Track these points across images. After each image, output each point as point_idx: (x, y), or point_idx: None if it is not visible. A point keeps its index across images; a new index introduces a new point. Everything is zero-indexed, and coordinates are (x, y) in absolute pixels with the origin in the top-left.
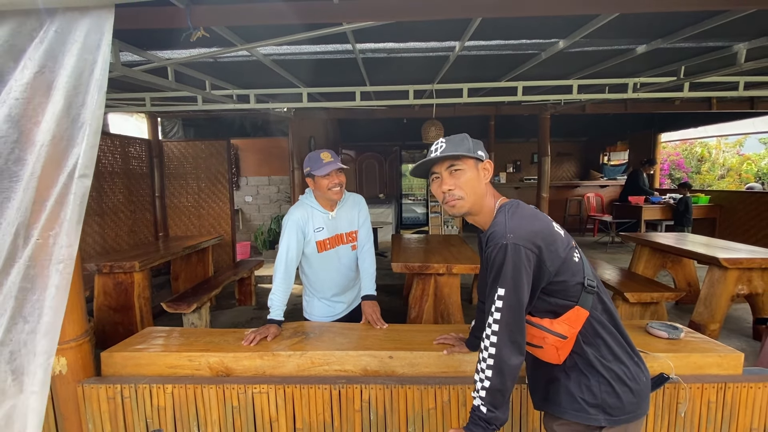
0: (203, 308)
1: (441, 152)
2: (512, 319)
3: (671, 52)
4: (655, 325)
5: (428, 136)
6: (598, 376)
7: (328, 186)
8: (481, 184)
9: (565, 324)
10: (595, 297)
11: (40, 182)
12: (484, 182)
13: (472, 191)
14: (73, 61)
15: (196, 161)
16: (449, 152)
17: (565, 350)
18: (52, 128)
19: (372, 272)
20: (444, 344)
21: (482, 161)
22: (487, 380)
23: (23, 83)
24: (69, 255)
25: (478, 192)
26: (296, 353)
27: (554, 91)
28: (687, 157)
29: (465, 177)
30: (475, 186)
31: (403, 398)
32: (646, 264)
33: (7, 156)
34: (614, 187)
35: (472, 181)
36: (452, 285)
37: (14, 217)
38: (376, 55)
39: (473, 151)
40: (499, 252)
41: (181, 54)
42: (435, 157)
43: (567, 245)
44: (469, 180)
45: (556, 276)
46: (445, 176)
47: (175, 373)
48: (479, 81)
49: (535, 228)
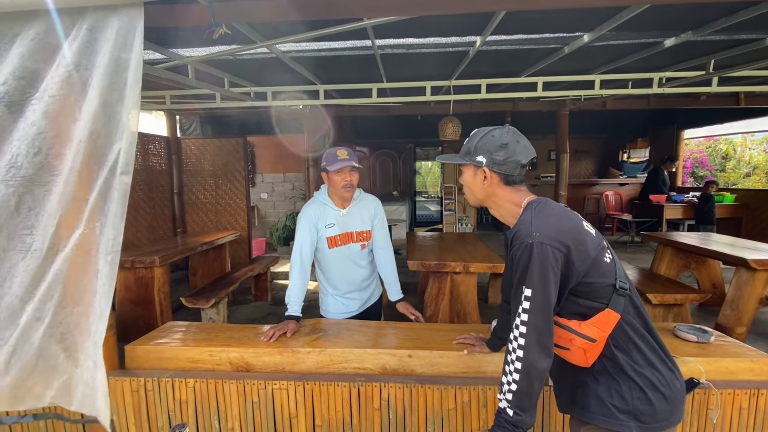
0: (221, 303)
1: (446, 156)
2: (540, 321)
3: (701, 45)
4: (683, 328)
5: (445, 132)
6: (630, 381)
7: (340, 183)
8: (479, 188)
9: (594, 327)
10: (627, 300)
11: (80, 177)
12: (483, 187)
13: (470, 192)
14: (106, 59)
15: (214, 158)
16: (445, 158)
17: (594, 353)
18: (89, 125)
19: (395, 277)
20: (464, 344)
21: (480, 167)
22: (514, 383)
23: (59, 81)
24: (115, 247)
25: (478, 195)
26: (315, 350)
27: (575, 86)
28: (711, 154)
29: (464, 178)
30: (472, 188)
31: (422, 398)
32: (669, 264)
33: (47, 151)
34: (634, 185)
35: (469, 183)
36: (469, 284)
37: (56, 209)
38: (395, 51)
39: (472, 156)
40: (524, 251)
41: (201, 52)
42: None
43: (598, 245)
44: (466, 181)
45: (585, 277)
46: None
47: (196, 367)
48: (498, 77)
49: (563, 226)
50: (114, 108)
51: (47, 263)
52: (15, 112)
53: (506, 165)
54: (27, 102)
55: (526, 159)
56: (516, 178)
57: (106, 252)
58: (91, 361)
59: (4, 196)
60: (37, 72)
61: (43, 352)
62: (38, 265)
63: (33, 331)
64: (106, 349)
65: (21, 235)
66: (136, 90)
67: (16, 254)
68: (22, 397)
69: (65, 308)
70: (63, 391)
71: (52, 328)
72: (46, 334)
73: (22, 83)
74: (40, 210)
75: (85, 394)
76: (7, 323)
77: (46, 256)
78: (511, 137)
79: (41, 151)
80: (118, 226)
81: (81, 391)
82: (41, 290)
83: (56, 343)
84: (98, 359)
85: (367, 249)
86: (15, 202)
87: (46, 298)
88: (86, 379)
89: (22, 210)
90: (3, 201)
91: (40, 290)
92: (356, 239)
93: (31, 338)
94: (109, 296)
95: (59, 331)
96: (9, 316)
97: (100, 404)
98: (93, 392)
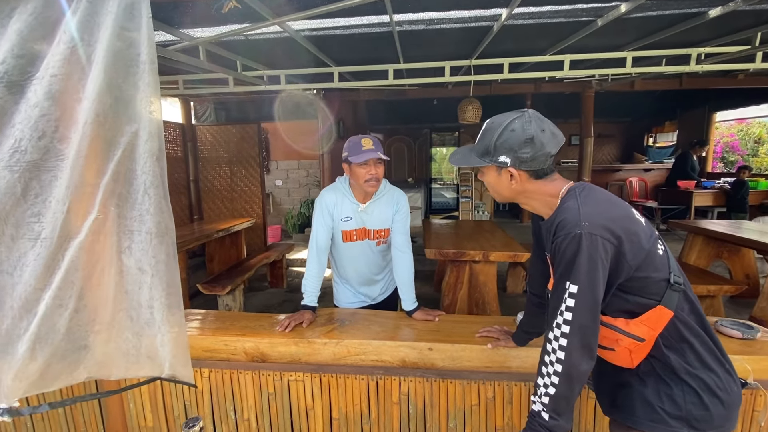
0: (237, 290)
1: (459, 156)
2: (586, 320)
3: (748, 15)
4: (725, 323)
5: (465, 115)
6: (683, 384)
7: (364, 177)
8: (505, 188)
9: (644, 325)
10: (681, 295)
11: (88, 161)
12: (510, 187)
13: (496, 192)
14: (109, 34)
15: (228, 145)
16: (459, 160)
17: (641, 354)
18: (95, 106)
19: (411, 283)
20: (488, 337)
21: (505, 168)
22: (553, 386)
23: (60, 59)
24: (167, 228)
25: (505, 195)
26: (332, 341)
27: (603, 65)
28: (742, 138)
29: (486, 180)
30: (497, 189)
31: (444, 392)
32: (699, 254)
33: (51, 134)
34: (659, 170)
35: (493, 184)
36: (488, 273)
37: (64, 195)
38: (414, 27)
39: (492, 156)
40: (570, 243)
41: (212, 31)
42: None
43: (650, 236)
44: (490, 183)
45: (637, 271)
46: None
47: (211, 356)
48: (522, 55)
49: (614, 214)
50: (122, 87)
51: (59, 251)
52: (16, 94)
53: (535, 161)
54: (28, 82)
55: (556, 148)
56: (547, 170)
57: (161, 233)
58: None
59: (9, 182)
60: (38, 50)
61: (71, 335)
62: (49, 253)
63: (57, 317)
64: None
65: (29, 223)
66: (151, 69)
67: (25, 243)
68: (52, 379)
69: (89, 293)
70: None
71: (78, 312)
72: (73, 318)
73: (22, 62)
74: (47, 197)
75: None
76: (23, 312)
77: (58, 244)
78: (535, 128)
79: (46, 135)
80: (165, 210)
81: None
82: (57, 278)
83: (85, 325)
84: (171, 328)
85: (385, 245)
86: (21, 188)
87: (65, 285)
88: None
89: (28, 197)
90: (8, 188)
91: (57, 278)
92: (373, 237)
93: (56, 324)
94: (176, 273)
95: (86, 315)
96: (24, 304)
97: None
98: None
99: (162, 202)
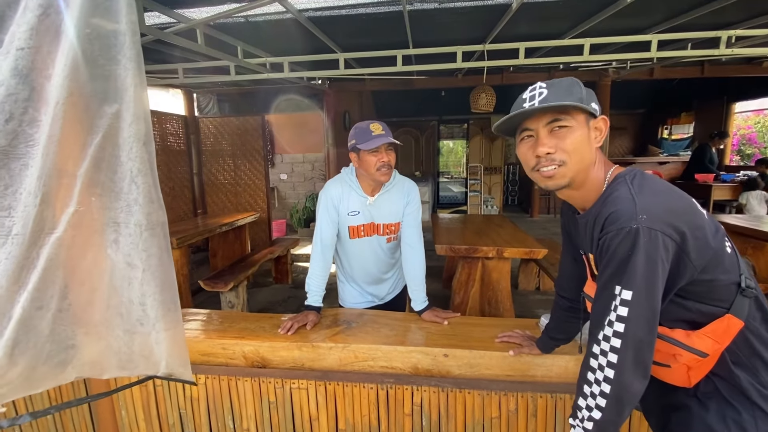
0: (240, 287)
1: (541, 101)
2: (642, 333)
3: None
4: None
5: (478, 104)
6: (754, 408)
7: (375, 165)
8: (591, 149)
9: (708, 338)
10: (752, 302)
11: (63, 147)
12: (595, 146)
13: (579, 157)
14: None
15: (232, 138)
16: (554, 101)
17: (701, 372)
18: (68, 83)
19: (422, 282)
20: (509, 343)
21: (595, 117)
22: (598, 410)
23: (26, 29)
24: (159, 219)
25: (586, 159)
26: (338, 345)
27: (624, 49)
28: (760, 130)
29: (572, 137)
30: (583, 150)
31: (460, 403)
32: None
33: (20, 117)
34: (675, 163)
35: (580, 142)
36: (502, 270)
37: (36, 186)
38: (425, 6)
39: (586, 102)
40: (624, 239)
41: (209, 11)
42: (532, 108)
43: (716, 231)
44: (576, 141)
45: (702, 273)
46: (543, 134)
47: (207, 361)
48: (539, 39)
49: (676, 207)
50: (98, 61)
51: (34, 248)
52: None
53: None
54: None
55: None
56: None
57: (151, 225)
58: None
59: None
60: (1, 19)
61: (56, 336)
62: (22, 251)
63: (38, 319)
64: None
65: None
66: (133, 41)
67: None
68: (39, 381)
69: (74, 291)
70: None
71: (62, 312)
72: (57, 319)
73: None
74: (17, 188)
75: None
76: None
77: (31, 241)
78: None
79: (13, 117)
80: (155, 200)
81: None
82: (34, 278)
83: (71, 325)
84: (168, 324)
85: (395, 242)
86: None
87: (44, 285)
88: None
89: None
90: None
91: (33, 278)
92: (383, 232)
93: (38, 326)
94: (170, 268)
95: (71, 314)
96: None
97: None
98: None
99: (152, 192)
